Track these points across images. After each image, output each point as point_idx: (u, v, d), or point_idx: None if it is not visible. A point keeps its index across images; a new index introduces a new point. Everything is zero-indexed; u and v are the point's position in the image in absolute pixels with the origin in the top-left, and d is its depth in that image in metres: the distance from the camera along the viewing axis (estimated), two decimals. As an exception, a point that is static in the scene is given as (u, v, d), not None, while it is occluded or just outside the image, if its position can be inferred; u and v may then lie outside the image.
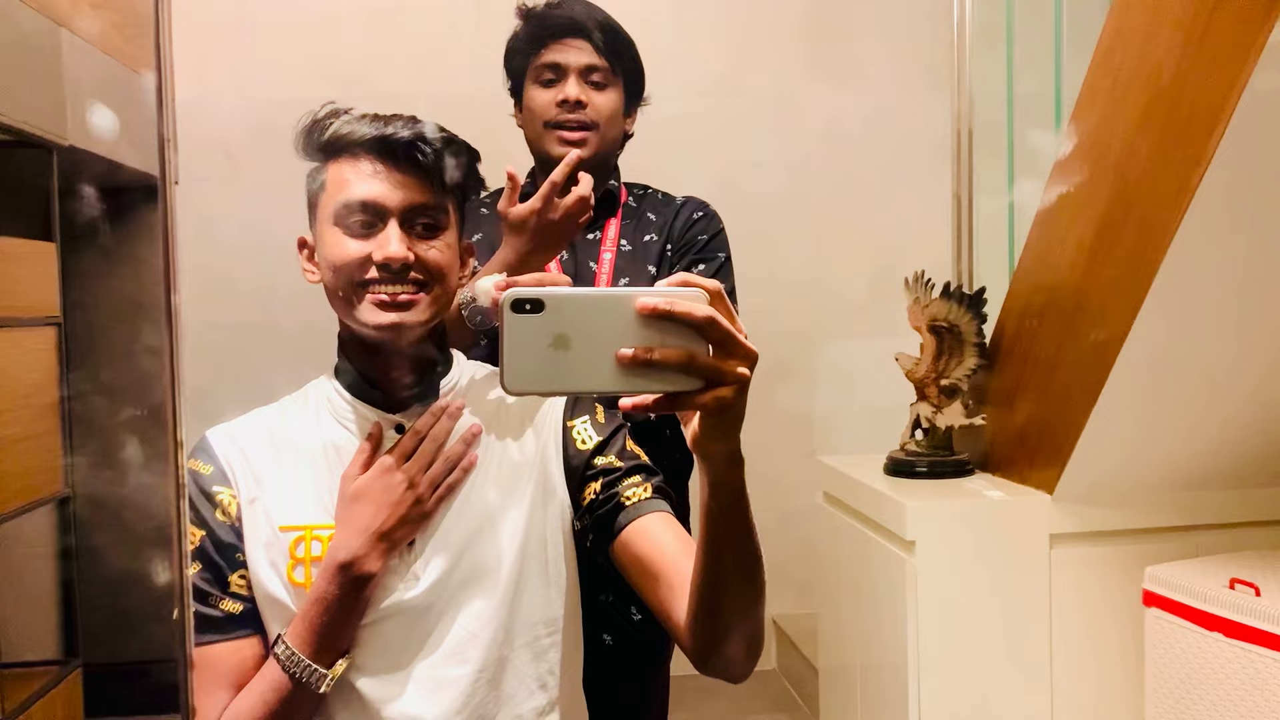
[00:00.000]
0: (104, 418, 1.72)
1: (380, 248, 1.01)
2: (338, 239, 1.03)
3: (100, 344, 1.97)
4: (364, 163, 1.03)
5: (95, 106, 1.49)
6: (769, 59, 2.60)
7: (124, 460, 1.67)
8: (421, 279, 1.03)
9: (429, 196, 1.04)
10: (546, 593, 1.07)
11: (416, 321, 1.03)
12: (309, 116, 1.07)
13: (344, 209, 1.02)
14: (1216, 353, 1.37)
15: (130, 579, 1.46)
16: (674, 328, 0.70)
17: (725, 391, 0.72)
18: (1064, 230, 1.49)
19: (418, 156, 1.03)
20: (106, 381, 1.89)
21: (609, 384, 0.71)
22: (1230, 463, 1.50)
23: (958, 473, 1.63)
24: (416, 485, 1.02)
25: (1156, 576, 1.40)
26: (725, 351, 0.71)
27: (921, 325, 1.63)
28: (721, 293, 0.72)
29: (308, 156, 1.07)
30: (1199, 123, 1.17)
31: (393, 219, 1.02)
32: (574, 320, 0.70)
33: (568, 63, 1.49)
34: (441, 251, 1.05)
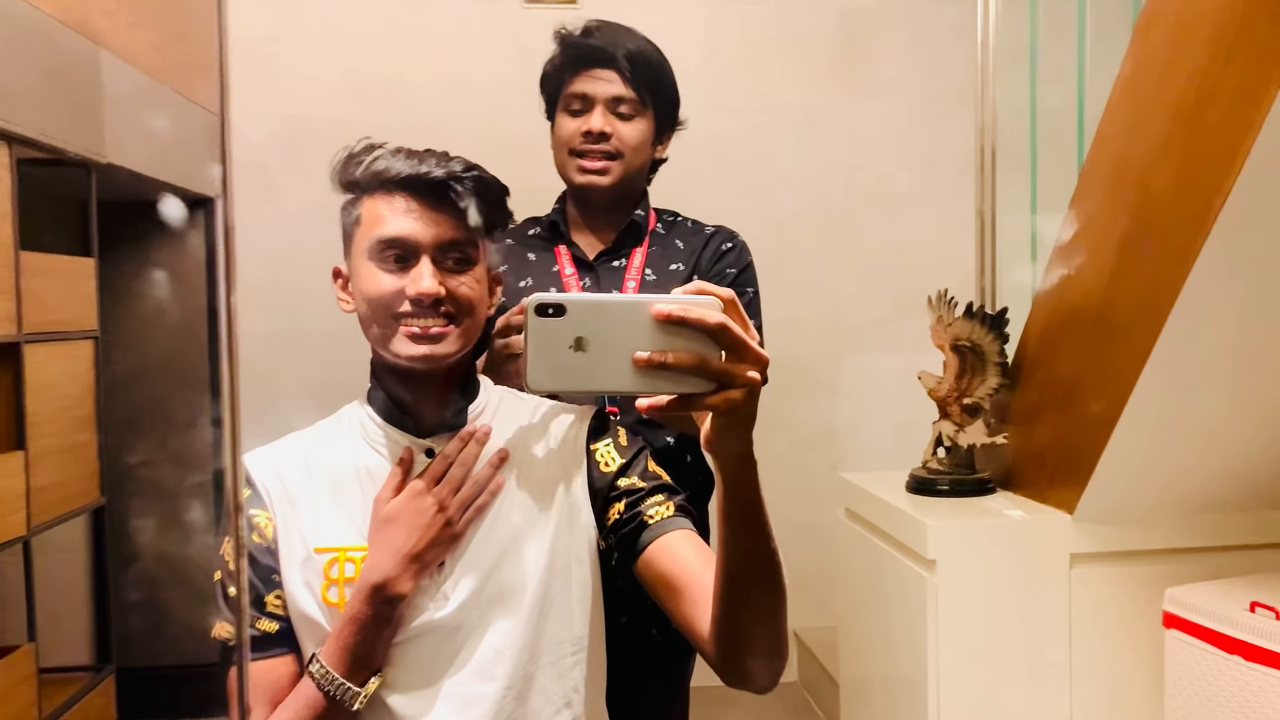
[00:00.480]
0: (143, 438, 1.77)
1: (413, 283, 1.04)
2: (372, 273, 1.06)
3: (134, 356, 2.02)
4: (398, 199, 1.06)
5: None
6: (795, 76, 2.61)
7: (164, 478, 1.71)
8: (452, 312, 1.06)
9: (460, 232, 1.07)
10: (571, 611, 1.09)
11: (446, 353, 1.06)
12: (345, 151, 1.10)
13: (378, 245, 1.05)
14: (1237, 376, 1.38)
15: (166, 586, 1.49)
16: (688, 332, 0.74)
17: (736, 394, 0.75)
18: (1086, 252, 1.50)
19: (450, 195, 1.05)
20: (142, 399, 1.93)
21: (626, 385, 0.74)
22: (1252, 484, 1.50)
23: (979, 491, 1.63)
24: (446, 508, 1.05)
25: (1176, 598, 1.40)
26: (737, 356, 0.75)
27: (944, 344, 1.64)
28: (735, 300, 0.75)
29: (344, 189, 1.10)
30: (1221, 151, 1.18)
31: (425, 255, 1.05)
32: (594, 324, 0.74)
33: (595, 93, 1.50)
34: (471, 286, 1.08)
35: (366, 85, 2.48)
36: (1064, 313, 1.55)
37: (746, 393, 0.75)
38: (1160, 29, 1.34)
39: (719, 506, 0.86)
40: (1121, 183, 1.41)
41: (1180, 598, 1.40)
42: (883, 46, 2.62)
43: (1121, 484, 1.46)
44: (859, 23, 2.61)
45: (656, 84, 1.54)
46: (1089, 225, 1.50)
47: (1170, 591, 1.41)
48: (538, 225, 1.61)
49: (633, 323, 0.74)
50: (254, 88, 2.44)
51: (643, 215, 1.57)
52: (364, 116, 2.42)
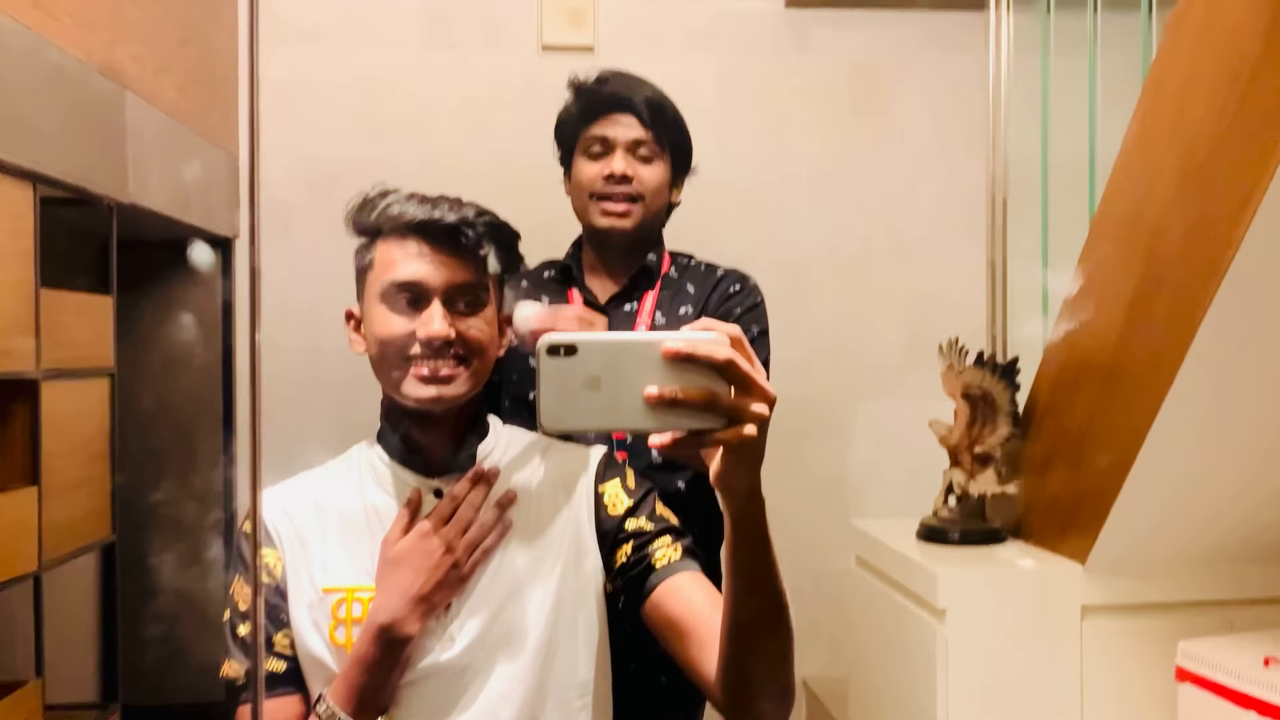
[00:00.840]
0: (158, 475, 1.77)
1: (424, 325, 1.05)
2: (384, 315, 1.07)
3: (151, 394, 2.03)
4: (410, 243, 1.08)
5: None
6: (809, 124, 2.64)
7: (178, 515, 1.72)
8: (462, 354, 1.08)
9: (471, 276, 1.08)
10: (578, 655, 1.09)
11: (456, 395, 1.07)
12: (360, 196, 1.12)
13: (391, 287, 1.07)
14: (1251, 426, 1.37)
15: (176, 623, 1.49)
16: (697, 369, 0.76)
17: (743, 429, 0.75)
18: (1097, 302, 1.50)
19: (462, 239, 1.07)
20: (157, 437, 1.95)
21: (637, 422, 0.76)
22: (1267, 537, 1.49)
23: (990, 540, 1.62)
24: (454, 549, 1.05)
25: (1190, 652, 1.38)
26: (745, 392, 0.76)
27: (955, 392, 1.64)
28: (741, 338, 0.77)
29: (358, 233, 1.12)
30: (1232, 202, 1.19)
31: (436, 298, 1.07)
32: (605, 363, 0.76)
33: (615, 137, 1.53)
34: (481, 329, 1.09)
35: (386, 127, 2.51)
36: (1075, 363, 1.55)
37: (756, 428, 0.76)
38: (1170, 81, 1.36)
39: (726, 544, 0.87)
40: (1133, 234, 1.42)
41: (1194, 651, 1.38)
42: (896, 96, 2.64)
43: (1133, 535, 1.45)
44: (872, 72, 2.64)
45: (672, 128, 1.57)
46: (1100, 276, 1.50)
47: (1183, 645, 1.40)
48: (553, 269, 1.63)
49: (643, 361, 0.76)
50: (274, 128, 2.47)
51: (655, 260, 1.59)
52: (383, 158, 2.46)
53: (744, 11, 2.61)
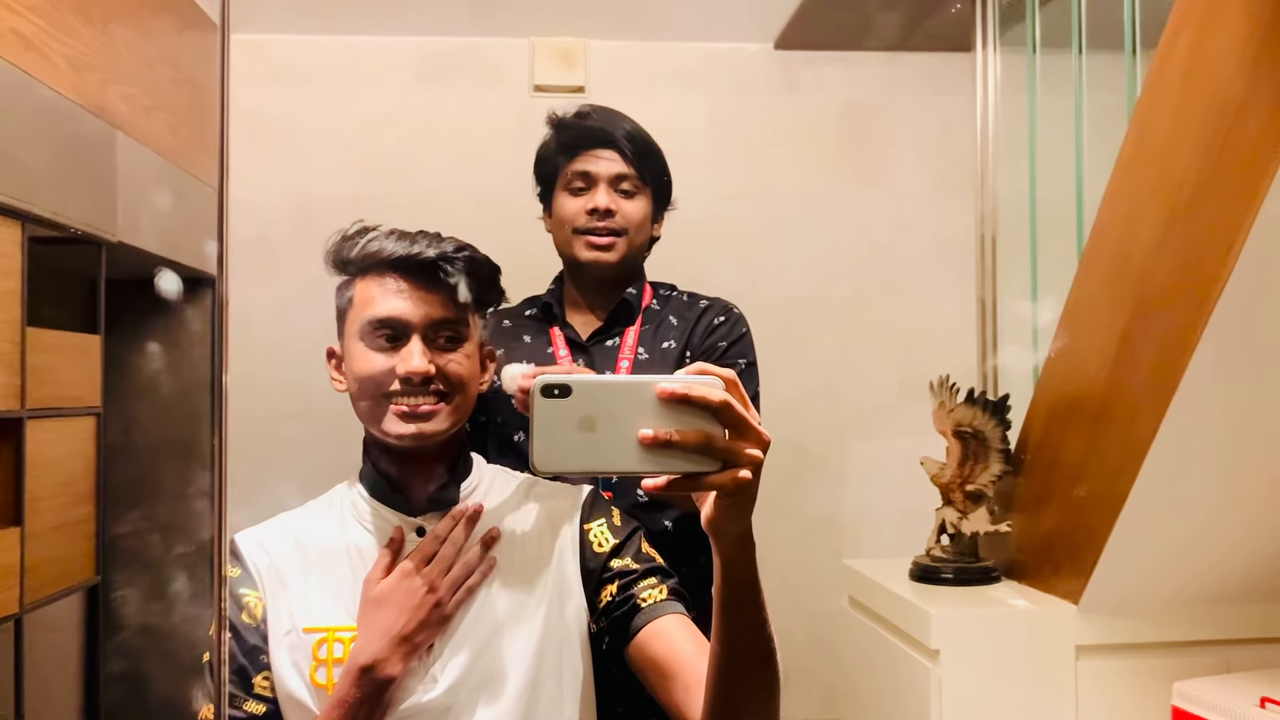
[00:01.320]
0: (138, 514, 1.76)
1: (404, 361, 1.05)
2: (363, 353, 1.07)
3: (137, 433, 2.02)
4: (389, 280, 1.08)
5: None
6: (799, 164, 2.65)
7: (160, 553, 1.70)
8: (443, 389, 1.07)
9: (451, 311, 1.08)
10: (562, 696, 1.08)
11: (437, 431, 1.07)
12: (339, 233, 1.12)
13: (370, 325, 1.07)
14: (1241, 466, 1.37)
15: (156, 661, 1.47)
16: (692, 412, 0.75)
17: (739, 472, 0.74)
18: (1087, 340, 1.50)
19: (440, 275, 1.07)
20: (144, 475, 1.93)
21: (632, 464, 0.75)
22: (1263, 576, 1.48)
23: (983, 580, 1.61)
24: (436, 589, 1.04)
25: (1185, 692, 1.37)
26: (739, 434, 0.75)
27: (946, 429, 1.64)
28: (736, 381, 0.76)
29: (337, 271, 1.12)
30: (1217, 240, 1.19)
31: (415, 334, 1.06)
32: (599, 405, 0.75)
33: (598, 172, 1.53)
34: (461, 363, 1.09)
35: (378, 167, 2.52)
36: (1066, 400, 1.55)
37: (751, 471, 0.76)
38: (1156, 120, 1.37)
39: (716, 588, 0.86)
40: (1121, 271, 1.42)
41: (1189, 692, 1.37)
42: (885, 136, 2.66)
43: (1127, 574, 1.44)
44: (861, 113, 2.66)
45: (653, 163, 1.57)
46: (1089, 314, 1.51)
47: (1178, 685, 1.39)
48: (534, 306, 1.62)
49: (638, 403, 0.75)
50: (264, 166, 2.48)
51: (635, 294, 1.58)
52: (375, 197, 2.46)
53: (734, 53, 2.63)
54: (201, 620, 0.87)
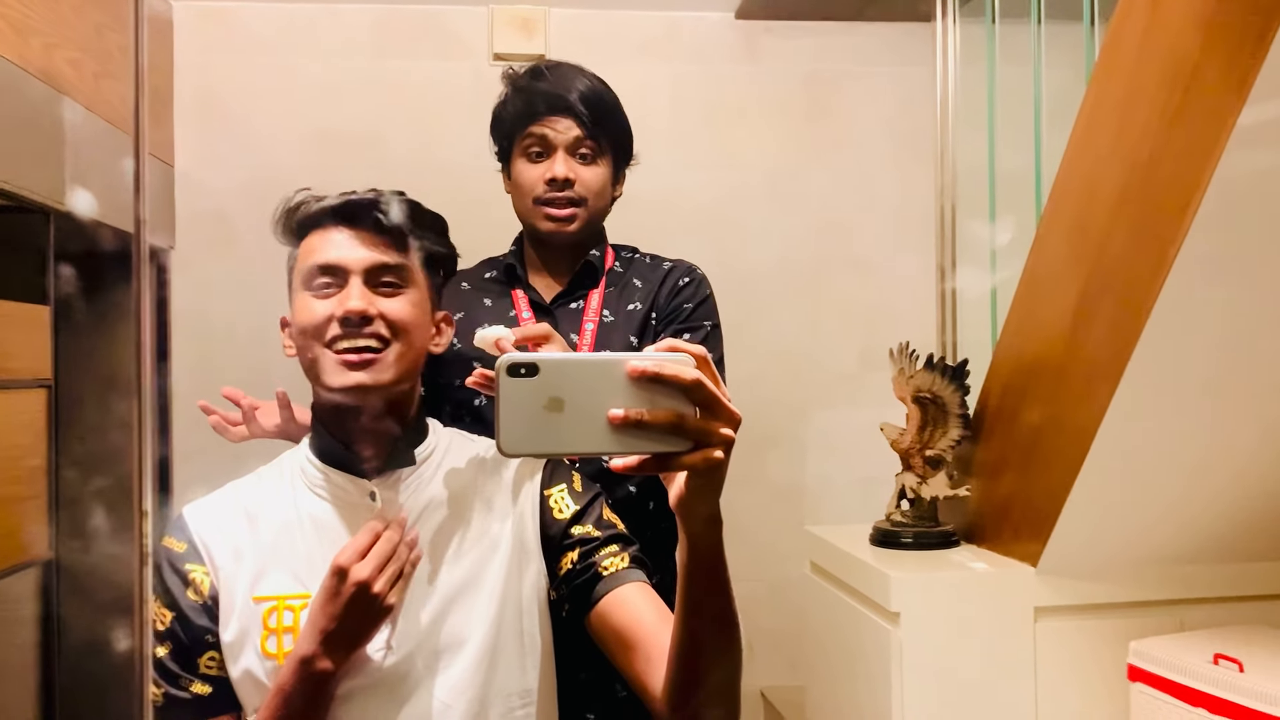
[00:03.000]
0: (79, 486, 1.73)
1: (341, 304, 1.04)
2: (306, 303, 1.06)
3: (87, 405, 1.98)
4: (330, 230, 1.07)
5: (77, 191, 1.53)
6: (762, 135, 2.65)
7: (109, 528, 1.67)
8: (384, 335, 1.05)
9: (391, 255, 1.07)
10: (522, 662, 1.07)
11: (380, 381, 1.05)
12: (283, 204, 1.11)
13: (311, 272, 1.06)
14: (1197, 428, 1.38)
15: (104, 647, 1.45)
16: (663, 391, 0.74)
17: (712, 452, 0.74)
18: (1045, 304, 1.51)
19: (377, 217, 1.06)
20: (94, 448, 1.90)
21: (601, 445, 0.74)
22: (1214, 537, 1.50)
23: (943, 544, 1.63)
24: (373, 583, 1.00)
25: (1141, 651, 1.39)
26: (711, 414, 0.74)
27: (906, 396, 1.65)
28: (707, 358, 0.75)
29: (285, 240, 1.11)
30: (1174, 201, 1.20)
31: (355, 277, 1.05)
32: (567, 384, 0.73)
33: (555, 139, 1.50)
34: (405, 310, 1.07)
35: (335, 139, 2.48)
36: (1024, 365, 1.56)
37: (722, 450, 0.75)
38: (1113, 84, 1.37)
39: (681, 565, 0.85)
40: (1078, 235, 1.43)
41: (1144, 650, 1.39)
42: (847, 106, 2.66)
43: (1084, 537, 1.45)
44: (823, 83, 2.66)
45: (612, 125, 1.54)
46: (1047, 278, 1.52)
47: (1134, 644, 1.41)
48: (494, 268, 1.60)
49: (607, 381, 0.73)
50: (219, 138, 2.44)
51: (598, 255, 1.57)
52: (331, 167, 2.42)
53: (695, 21, 2.62)
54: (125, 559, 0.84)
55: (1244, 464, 1.43)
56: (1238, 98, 1.08)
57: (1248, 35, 1.06)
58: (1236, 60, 1.08)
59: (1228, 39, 1.10)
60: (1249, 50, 1.06)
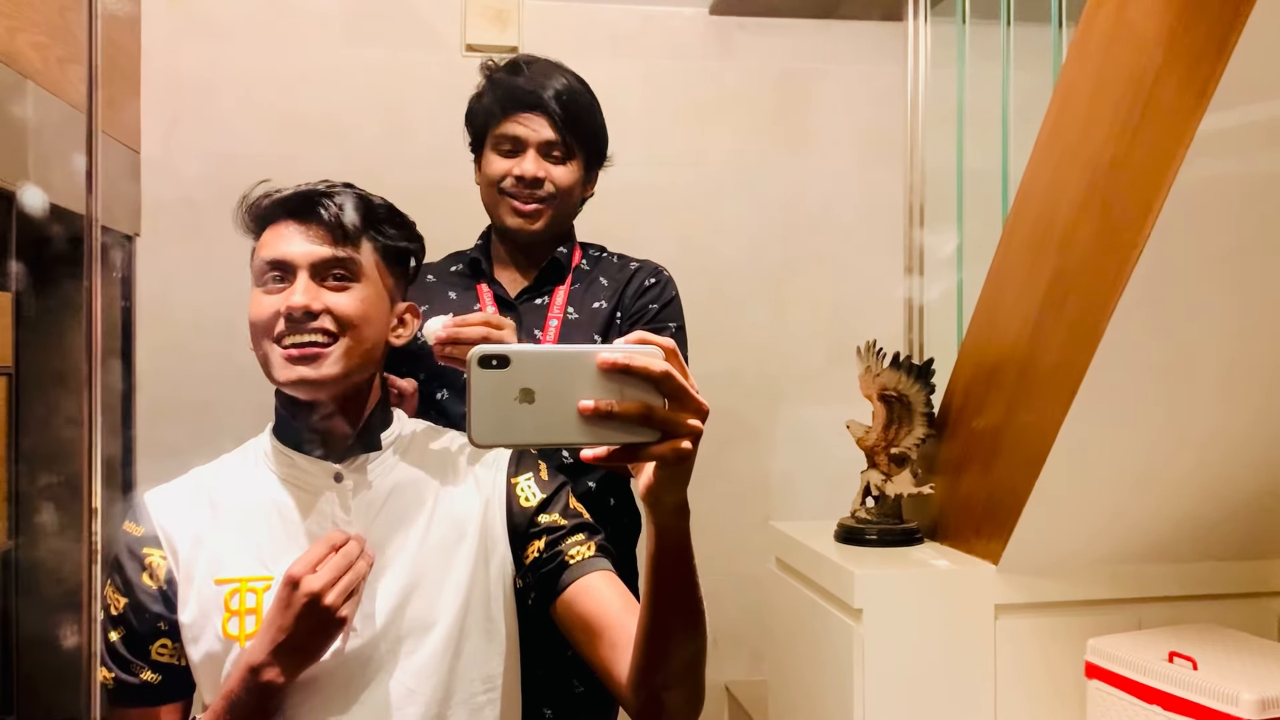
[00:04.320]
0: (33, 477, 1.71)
1: (286, 299, 1.03)
2: (257, 298, 1.06)
3: (51, 393, 1.95)
4: (282, 225, 1.07)
5: (27, 187, 1.50)
6: (734, 131, 2.66)
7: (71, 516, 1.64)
8: (331, 330, 1.05)
9: (337, 248, 1.07)
10: (486, 650, 1.07)
11: (326, 376, 1.04)
12: (243, 198, 1.11)
13: (262, 268, 1.06)
14: (1156, 429, 1.40)
15: (56, 641, 1.44)
16: (632, 382, 0.74)
17: (681, 443, 0.75)
18: (1009, 305, 1.53)
19: (321, 211, 1.06)
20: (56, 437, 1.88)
21: (571, 436, 0.74)
22: (1171, 537, 1.53)
23: (906, 541, 1.64)
24: (325, 595, 0.98)
25: (1098, 649, 1.41)
26: (679, 405, 0.75)
27: (872, 394, 1.66)
28: (676, 350, 0.76)
29: (247, 233, 1.11)
30: (1136, 206, 1.22)
31: (301, 271, 1.05)
32: (538, 375, 0.74)
33: (527, 137, 1.49)
34: (353, 304, 1.07)
35: (303, 126, 2.47)
36: (988, 365, 1.57)
37: (690, 441, 0.75)
38: (1078, 89, 1.39)
39: (648, 555, 0.86)
40: (1043, 236, 1.44)
41: (1102, 648, 1.41)
42: (818, 103, 2.67)
43: (1045, 536, 1.47)
44: (795, 80, 2.67)
45: (586, 126, 1.53)
46: (1012, 276, 1.53)
47: (1092, 642, 1.43)
48: (460, 262, 1.59)
49: (577, 373, 0.74)
50: (185, 125, 2.41)
51: (565, 253, 1.56)
52: (301, 157, 2.41)
53: (669, 16, 2.62)
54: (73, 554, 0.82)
55: (1199, 464, 1.45)
56: (1198, 105, 1.10)
57: (1209, 45, 1.07)
58: (1198, 69, 1.10)
59: (1189, 48, 1.12)
60: (1209, 60, 1.07)
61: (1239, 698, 1.21)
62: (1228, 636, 1.42)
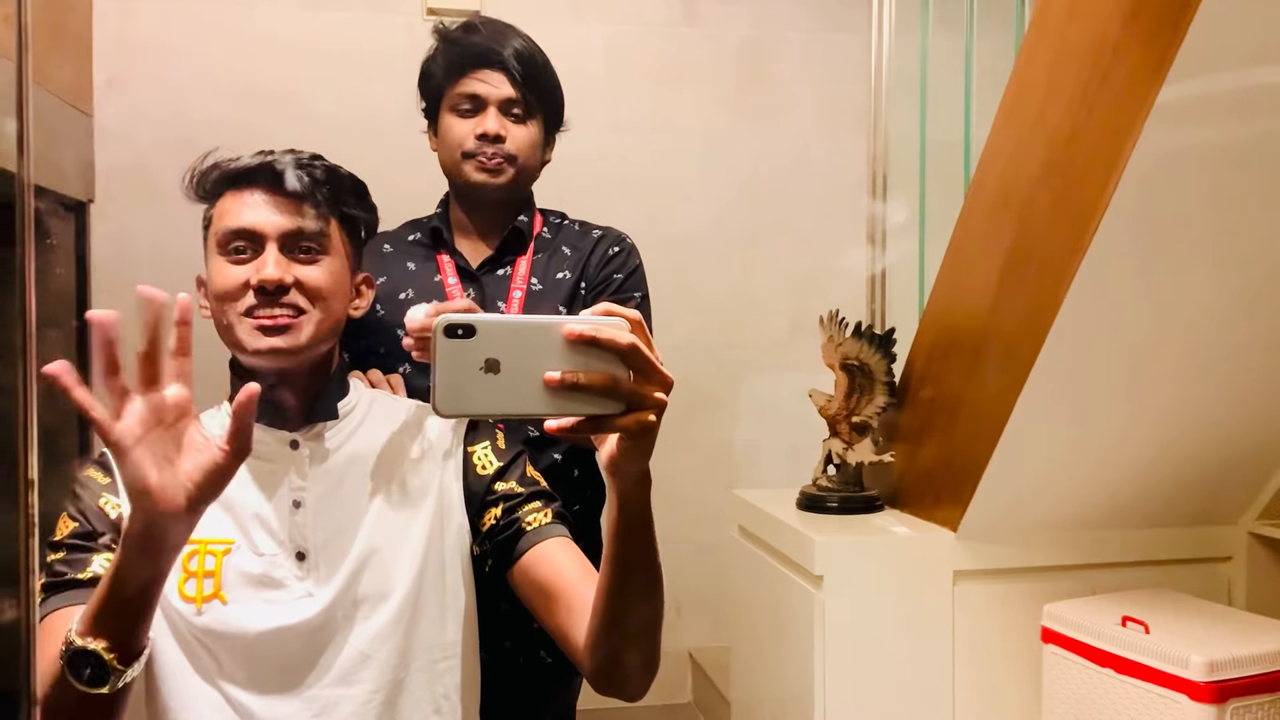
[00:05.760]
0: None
1: (257, 271, 1.02)
2: (221, 267, 1.04)
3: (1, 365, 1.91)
4: (245, 193, 1.05)
5: None
6: (697, 99, 2.64)
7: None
8: (300, 304, 1.04)
9: (307, 221, 1.05)
10: (444, 616, 1.08)
11: (295, 345, 1.03)
12: (194, 164, 1.08)
13: (225, 236, 1.04)
14: (1111, 398, 1.42)
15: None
16: (598, 354, 0.74)
17: (646, 415, 0.75)
18: (970, 274, 1.54)
19: (294, 182, 1.04)
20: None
21: (537, 407, 0.74)
22: (1125, 504, 1.55)
23: (867, 509, 1.66)
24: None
25: (1054, 614, 1.44)
26: (645, 377, 0.75)
27: (834, 363, 1.67)
28: (642, 322, 0.76)
29: (198, 199, 1.09)
30: (1094, 176, 1.22)
31: (271, 243, 1.04)
32: (504, 345, 0.73)
33: (486, 95, 1.47)
34: (322, 277, 1.06)
35: (261, 93, 2.42)
36: (948, 333, 1.58)
37: (655, 413, 0.75)
38: (1040, 56, 1.39)
39: (610, 522, 0.86)
40: (1003, 205, 1.45)
41: (1057, 613, 1.43)
42: (782, 73, 2.67)
43: (1002, 503, 1.49)
44: (759, 49, 2.66)
45: (544, 85, 1.51)
46: (973, 246, 1.54)
47: (1048, 608, 1.45)
48: (418, 230, 1.57)
49: (543, 344, 0.73)
50: (141, 90, 2.36)
51: (526, 221, 1.54)
52: (257, 121, 2.37)
53: (633, -19, 2.60)
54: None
55: (1154, 433, 1.47)
56: (1157, 76, 1.10)
57: (1167, 15, 1.08)
58: (1156, 40, 1.10)
59: (1149, 18, 1.12)
60: (1168, 30, 1.08)
61: (1189, 660, 1.23)
62: (1179, 601, 1.44)
